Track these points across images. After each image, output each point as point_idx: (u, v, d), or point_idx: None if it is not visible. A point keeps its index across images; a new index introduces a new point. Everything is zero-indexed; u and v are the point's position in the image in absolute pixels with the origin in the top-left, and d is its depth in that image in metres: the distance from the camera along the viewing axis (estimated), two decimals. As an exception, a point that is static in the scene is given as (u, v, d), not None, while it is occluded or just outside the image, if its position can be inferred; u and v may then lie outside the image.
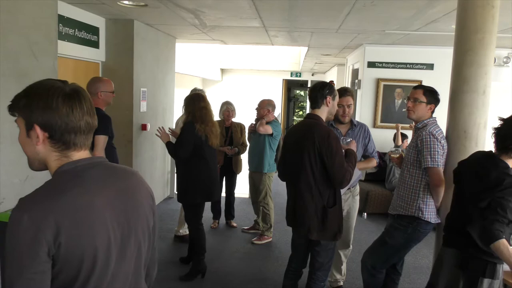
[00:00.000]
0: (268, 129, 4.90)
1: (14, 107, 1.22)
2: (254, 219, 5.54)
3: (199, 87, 6.44)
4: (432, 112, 3.07)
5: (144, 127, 5.95)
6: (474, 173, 2.46)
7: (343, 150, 2.97)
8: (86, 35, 5.08)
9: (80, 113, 1.20)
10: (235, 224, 5.74)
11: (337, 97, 3.09)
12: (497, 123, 2.45)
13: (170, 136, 4.19)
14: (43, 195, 1.14)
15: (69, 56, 4.78)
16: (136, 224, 1.30)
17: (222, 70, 14.43)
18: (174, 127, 6.21)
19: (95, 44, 5.33)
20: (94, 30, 5.28)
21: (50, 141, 1.20)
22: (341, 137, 3.43)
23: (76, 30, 4.86)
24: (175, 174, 4.28)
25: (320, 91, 2.97)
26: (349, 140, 3.28)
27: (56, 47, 3.65)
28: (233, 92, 13.41)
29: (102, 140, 3.42)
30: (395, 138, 6.31)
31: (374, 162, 3.65)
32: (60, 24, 4.38)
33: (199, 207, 4.10)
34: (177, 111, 6.32)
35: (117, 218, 1.23)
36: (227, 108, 5.44)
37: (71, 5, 4.73)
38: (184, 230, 5.01)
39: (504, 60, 6.56)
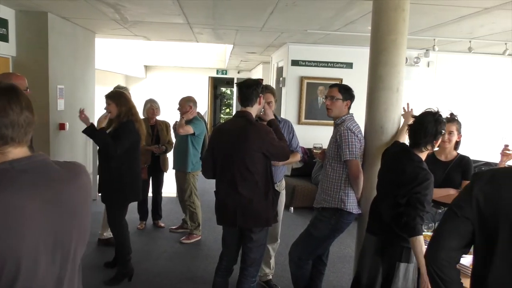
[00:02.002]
0: (189, 130, 4.79)
1: None
2: (182, 218, 5.47)
3: (122, 84, 6.21)
4: (349, 108, 3.23)
5: (62, 126, 5.62)
6: (392, 166, 2.64)
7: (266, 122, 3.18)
8: (-7, 27, 4.69)
9: (18, 107, 1.19)
10: (162, 224, 5.62)
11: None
12: (411, 121, 2.66)
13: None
14: None
15: (-26, 50, 4.38)
16: (72, 228, 1.27)
17: (146, 67, 14.04)
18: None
19: (4, 38, 4.92)
20: (3, 23, 4.88)
21: None
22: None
23: (-18, 22, 4.47)
24: (98, 175, 4.05)
25: (256, 89, 2.96)
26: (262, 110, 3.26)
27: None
28: (158, 89, 13.09)
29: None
30: None
31: (298, 157, 3.76)
32: (-38, 15, 4.01)
33: (126, 207, 3.97)
34: (99, 109, 6.05)
35: (50, 222, 1.19)
36: (151, 106, 5.29)
37: (-26, -5, 4.34)
38: (109, 233, 4.81)
39: (415, 60, 7.08)
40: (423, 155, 2.60)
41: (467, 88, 7.33)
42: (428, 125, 2.51)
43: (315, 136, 6.62)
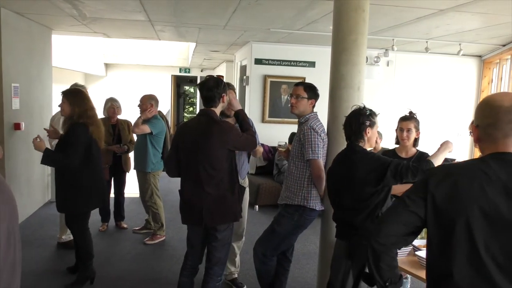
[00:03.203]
0: (145, 129, 4.71)
1: None
2: (146, 218, 5.39)
3: (81, 82, 6.03)
4: (313, 106, 3.27)
5: (17, 126, 5.39)
6: (344, 169, 2.70)
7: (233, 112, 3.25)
8: None
9: None
10: (125, 225, 5.51)
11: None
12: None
13: (47, 141, 3.66)
14: None
15: None
16: (16, 216, 1.36)
17: (107, 65, 13.68)
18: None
19: (-47, 33, 4.68)
20: (-49, 17, 4.64)
21: None
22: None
23: None
24: (55, 181, 3.80)
25: (217, 90, 2.94)
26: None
27: None
28: (119, 88, 12.78)
29: None
30: None
31: (261, 149, 3.78)
32: None
33: (89, 213, 3.82)
34: (56, 108, 5.85)
35: (5, 212, 1.29)
36: (112, 105, 5.16)
37: None
38: (68, 236, 4.67)
39: (375, 59, 7.26)
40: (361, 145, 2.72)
41: (424, 86, 7.59)
42: (352, 120, 2.69)
43: (279, 134, 6.69)
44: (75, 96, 3.64)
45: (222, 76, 3.14)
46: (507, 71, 6.96)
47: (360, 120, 2.66)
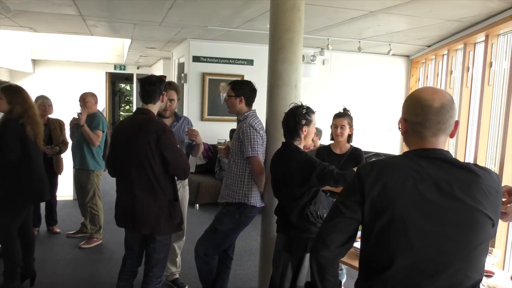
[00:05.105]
0: (100, 134, 4.66)
1: None
2: (81, 221, 5.16)
3: (6, 79, 5.64)
4: (248, 104, 3.26)
5: None
6: (280, 166, 2.76)
7: None
8: None
9: None
10: (58, 230, 5.25)
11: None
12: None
13: None
14: None
15: None
16: None
17: (34, 61, 12.90)
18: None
19: None
20: None
21: None
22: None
23: None
24: None
25: (160, 86, 2.89)
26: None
27: None
28: (49, 86, 12.09)
29: None
30: None
31: (201, 147, 3.76)
32: None
33: (19, 212, 3.59)
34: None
35: None
36: (43, 103, 4.88)
37: None
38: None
39: (311, 58, 7.45)
40: (298, 143, 2.77)
41: (358, 84, 7.91)
42: (288, 119, 2.74)
43: (218, 132, 6.68)
44: (14, 94, 3.45)
45: (165, 77, 3.09)
46: (432, 70, 7.43)
47: (296, 119, 2.70)
